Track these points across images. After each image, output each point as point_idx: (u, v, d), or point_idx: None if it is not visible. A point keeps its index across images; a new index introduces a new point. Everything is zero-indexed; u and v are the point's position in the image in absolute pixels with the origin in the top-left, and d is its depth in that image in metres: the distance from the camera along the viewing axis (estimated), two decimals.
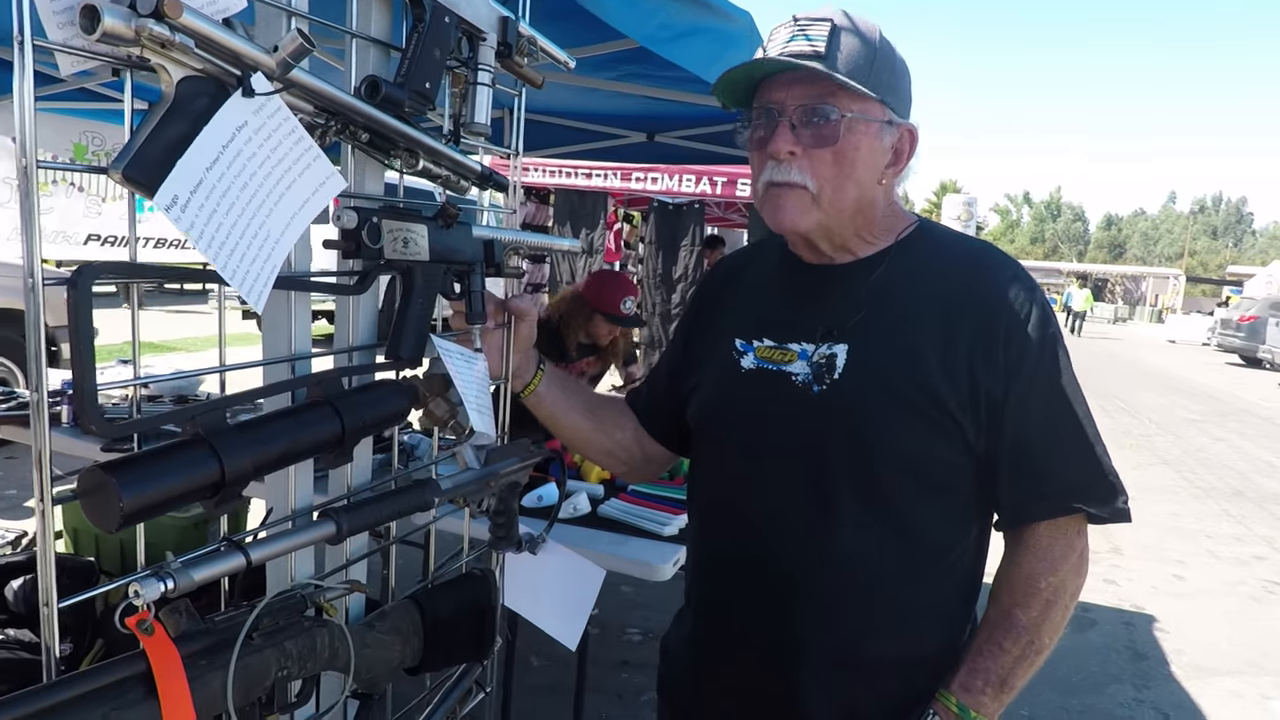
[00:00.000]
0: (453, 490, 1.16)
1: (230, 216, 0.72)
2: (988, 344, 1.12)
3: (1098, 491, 1.16)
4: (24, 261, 0.62)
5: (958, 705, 1.15)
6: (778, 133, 1.11)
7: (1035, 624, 1.15)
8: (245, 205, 0.73)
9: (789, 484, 1.17)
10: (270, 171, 0.75)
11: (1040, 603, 1.15)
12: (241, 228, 0.73)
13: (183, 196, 0.68)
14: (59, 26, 0.62)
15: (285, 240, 0.79)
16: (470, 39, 1.12)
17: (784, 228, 1.17)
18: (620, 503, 2.64)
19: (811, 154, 1.11)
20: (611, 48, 2.63)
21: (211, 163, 0.69)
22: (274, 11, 0.91)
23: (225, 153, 0.70)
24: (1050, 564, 1.15)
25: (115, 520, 0.67)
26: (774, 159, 1.12)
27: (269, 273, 0.78)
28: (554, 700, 3.10)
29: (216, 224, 0.71)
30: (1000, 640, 1.16)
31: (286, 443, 0.85)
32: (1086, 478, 1.16)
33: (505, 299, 1.31)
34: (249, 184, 0.73)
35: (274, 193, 0.76)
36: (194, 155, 0.68)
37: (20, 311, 4.59)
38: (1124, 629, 4.46)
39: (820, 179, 1.12)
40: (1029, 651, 1.16)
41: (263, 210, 0.75)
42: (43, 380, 0.65)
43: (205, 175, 0.69)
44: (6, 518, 4.40)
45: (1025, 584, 1.16)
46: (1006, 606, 1.17)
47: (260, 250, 0.76)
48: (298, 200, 0.79)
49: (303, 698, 0.96)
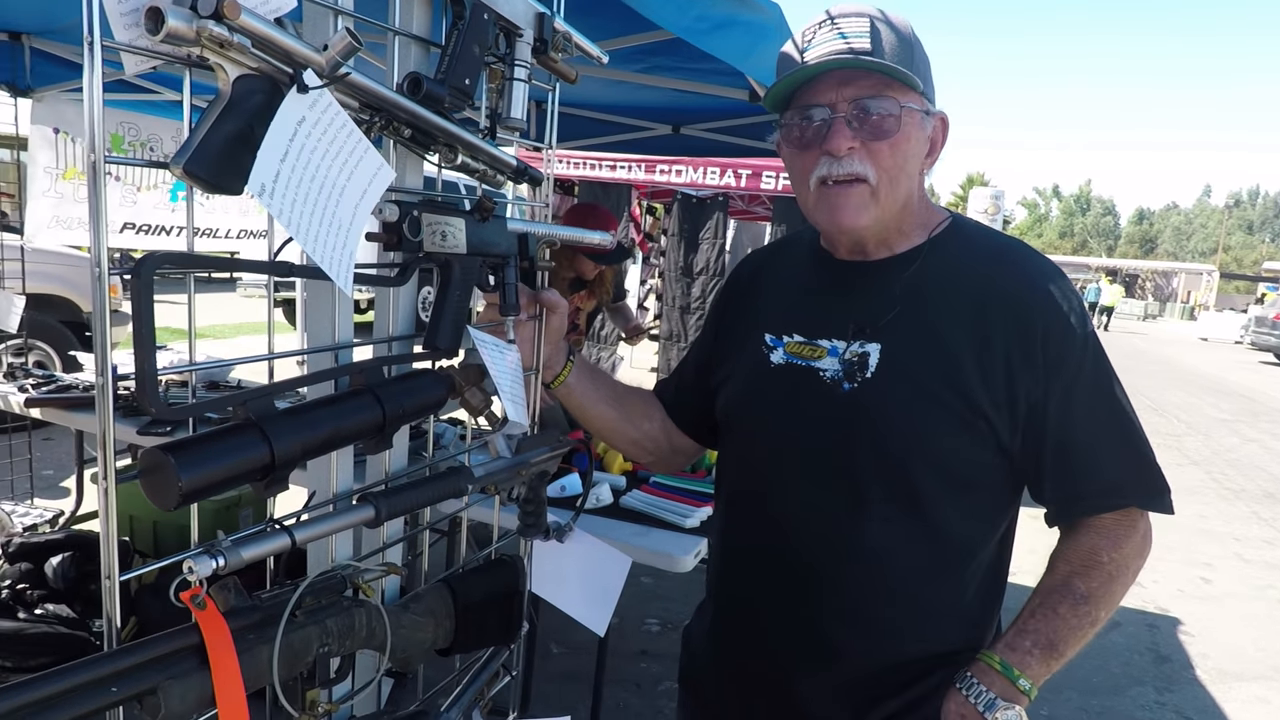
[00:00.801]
0: (486, 478, 1.18)
1: (308, 205, 0.77)
2: (1025, 344, 1.12)
3: (1144, 486, 1.17)
4: (92, 251, 0.65)
5: (1000, 663, 1.13)
6: (835, 130, 1.11)
7: (1094, 594, 1.14)
8: (317, 195, 0.77)
9: (815, 479, 1.18)
10: (331, 164, 0.79)
11: (1102, 575, 1.15)
12: (319, 215, 0.77)
13: (268, 185, 0.72)
14: (125, 28, 0.65)
15: (355, 227, 0.83)
16: (508, 35, 1.14)
17: (844, 227, 1.17)
18: (643, 494, 2.66)
19: (870, 147, 1.12)
20: (639, 40, 2.65)
21: (283, 155, 0.73)
22: (321, 10, 0.93)
23: (292, 146, 0.74)
24: (1114, 541, 1.16)
25: (174, 499, 0.71)
26: (831, 155, 1.12)
27: (349, 257, 0.83)
28: (573, 688, 3.14)
29: (299, 211, 0.75)
30: (1055, 605, 1.15)
31: (331, 428, 0.88)
32: (1133, 474, 1.17)
33: (537, 291, 1.33)
34: (316, 175, 0.77)
35: (338, 183, 0.80)
36: (268, 149, 0.71)
37: (56, 297, 4.68)
38: (1148, 631, 4.43)
39: (880, 170, 1.13)
40: (1084, 621, 1.14)
41: (331, 199, 0.79)
42: (108, 364, 0.68)
43: (280, 167, 0.73)
44: (44, 497, 4.50)
45: (1087, 556, 1.16)
46: (1064, 575, 1.16)
47: (337, 236, 0.80)
48: (358, 190, 0.83)
49: (341, 674, 0.99)
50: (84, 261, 6.35)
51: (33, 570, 2.99)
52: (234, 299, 12.80)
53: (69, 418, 3.33)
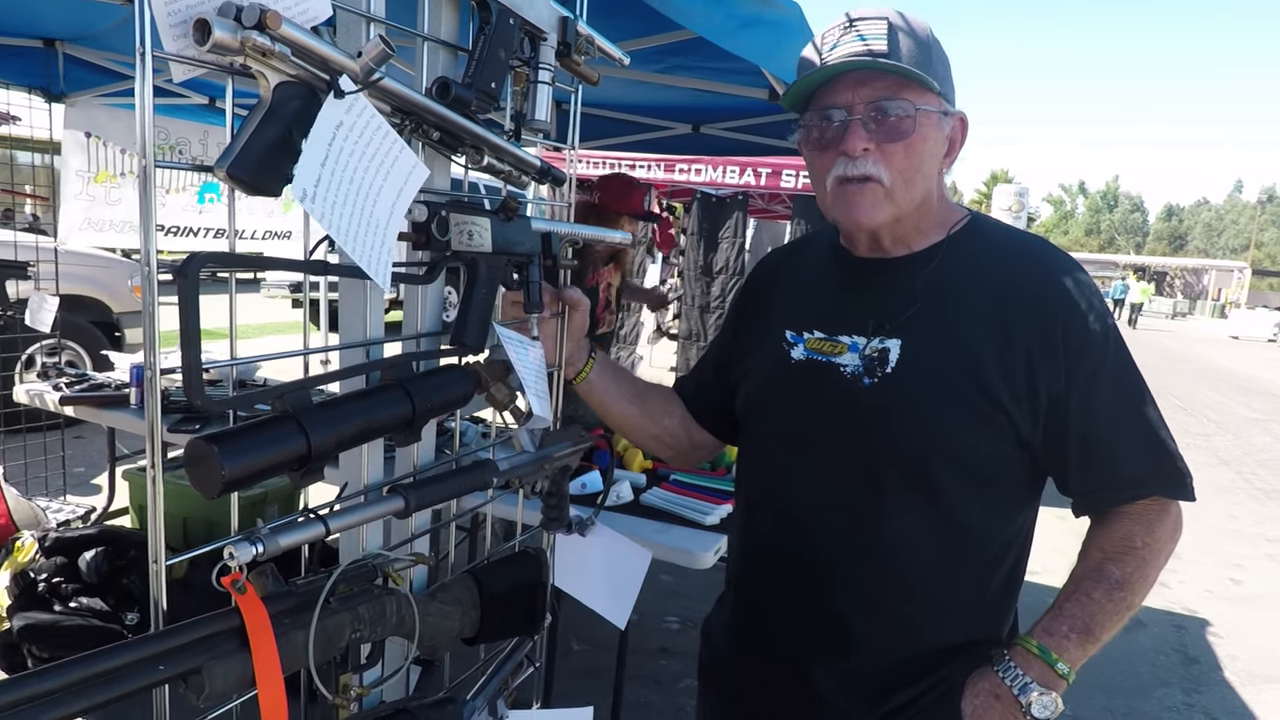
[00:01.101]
0: (510, 471, 1.21)
1: (347, 206, 0.80)
2: (1046, 338, 1.13)
3: (1167, 476, 1.18)
4: (142, 251, 0.68)
5: (1038, 648, 1.14)
6: (851, 131, 1.14)
7: (1128, 579, 1.15)
8: (355, 195, 0.81)
9: (835, 474, 1.20)
10: (368, 165, 0.82)
11: (1136, 560, 1.16)
12: (358, 215, 0.81)
13: (309, 190, 0.76)
14: (174, 38, 0.68)
15: (393, 225, 0.87)
16: (532, 39, 1.17)
17: (860, 224, 1.19)
18: (663, 491, 2.67)
19: (884, 148, 1.14)
20: (659, 40, 2.68)
21: (324, 159, 0.77)
22: (353, 17, 0.97)
23: (331, 149, 0.77)
24: (1146, 526, 1.17)
25: (217, 487, 0.74)
26: (847, 156, 1.15)
27: (388, 254, 0.87)
28: (593, 683, 3.17)
29: (339, 212, 0.79)
30: (1090, 590, 1.16)
31: (363, 421, 0.92)
32: (1157, 465, 1.18)
33: (560, 290, 1.36)
34: (354, 177, 0.81)
35: (374, 184, 0.84)
36: (309, 154, 0.75)
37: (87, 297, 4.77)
38: (1175, 632, 4.38)
39: (894, 172, 1.15)
40: (1119, 606, 1.15)
41: (369, 199, 0.83)
42: (156, 357, 0.72)
43: (321, 171, 0.76)
44: (76, 494, 4.60)
45: (1121, 542, 1.17)
46: (1098, 561, 1.18)
47: (374, 234, 0.84)
48: (394, 189, 0.87)
49: (372, 660, 1.03)
50: (115, 263, 6.48)
51: (67, 564, 3.06)
52: (258, 300, 12.96)
53: (101, 415, 3.40)
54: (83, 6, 3.09)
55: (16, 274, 4.07)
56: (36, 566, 3.05)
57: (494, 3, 1.07)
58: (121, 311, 6.42)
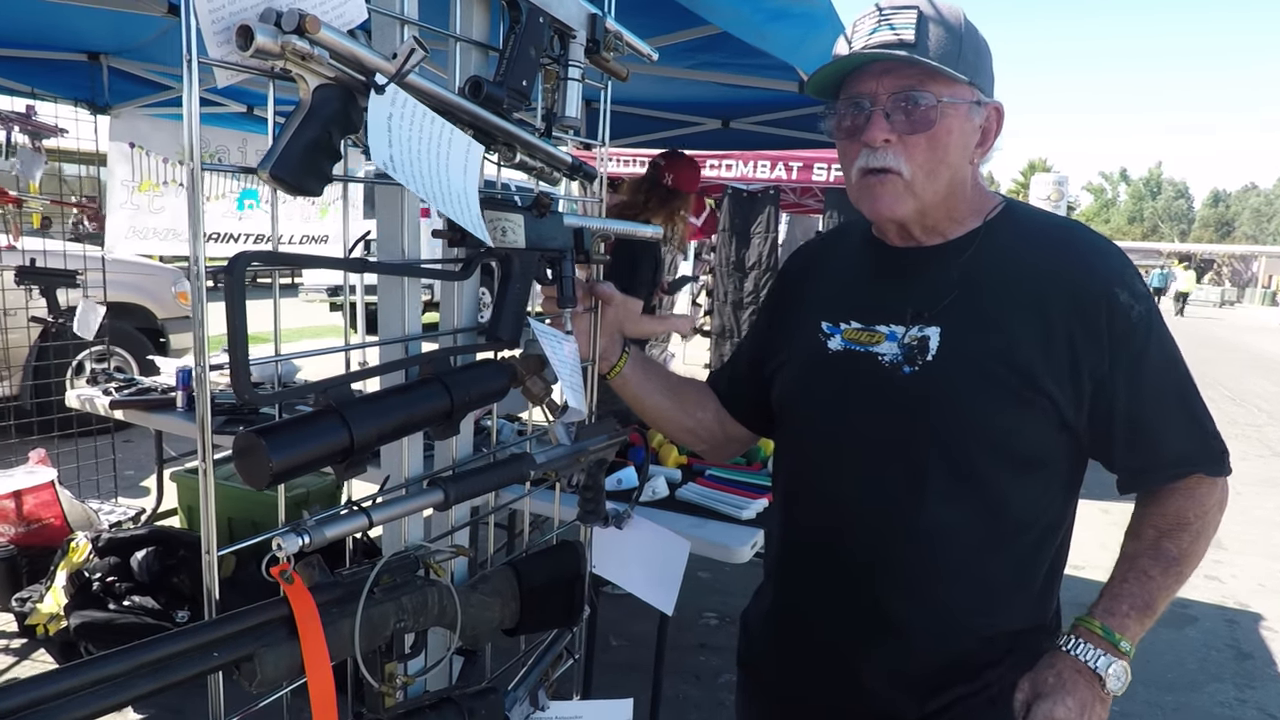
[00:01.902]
0: (547, 464, 1.23)
1: (426, 179, 0.86)
2: (1087, 320, 1.13)
3: (1209, 455, 1.20)
4: (190, 253, 0.71)
5: (1102, 628, 1.16)
6: (872, 122, 1.14)
7: (1184, 554, 1.19)
8: (427, 171, 0.86)
9: (875, 463, 1.20)
10: (428, 146, 0.87)
11: (1190, 534, 1.19)
12: (437, 185, 0.87)
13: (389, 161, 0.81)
14: (217, 45, 0.71)
15: (469, 190, 0.93)
16: (561, 37, 1.18)
17: (881, 215, 1.20)
18: (698, 487, 2.68)
19: (906, 140, 1.14)
20: (688, 35, 2.68)
21: (389, 147, 0.81)
22: (388, 20, 0.99)
23: (392, 138, 0.81)
24: (1197, 501, 1.20)
25: (265, 479, 0.77)
26: (868, 146, 1.15)
27: (475, 213, 0.93)
28: (632, 678, 3.18)
29: (420, 183, 0.84)
30: (1147, 568, 1.18)
31: (404, 415, 0.94)
32: (1200, 444, 1.20)
33: (592, 284, 1.38)
34: (422, 157, 0.85)
35: (440, 159, 0.89)
36: (375, 141, 0.80)
37: (133, 304, 4.90)
38: (1226, 626, 4.28)
39: (915, 164, 1.15)
40: (1175, 581, 1.18)
41: (442, 173, 0.88)
42: (205, 357, 0.74)
43: (391, 154, 0.81)
44: (127, 496, 4.73)
45: (1174, 518, 1.20)
46: (1153, 538, 1.20)
47: (460, 200, 0.90)
48: (459, 161, 0.92)
49: (416, 649, 1.05)
50: (159, 270, 6.64)
51: (120, 564, 3.16)
52: (296, 303, 13.18)
53: (149, 419, 3.50)
54: (125, 21, 3.18)
55: (66, 283, 4.19)
56: (91, 566, 3.15)
57: (524, 2, 1.08)
58: (166, 317, 6.58)
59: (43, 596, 3.19)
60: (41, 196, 4.36)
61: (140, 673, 0.69)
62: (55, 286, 4.16)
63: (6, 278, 4.14)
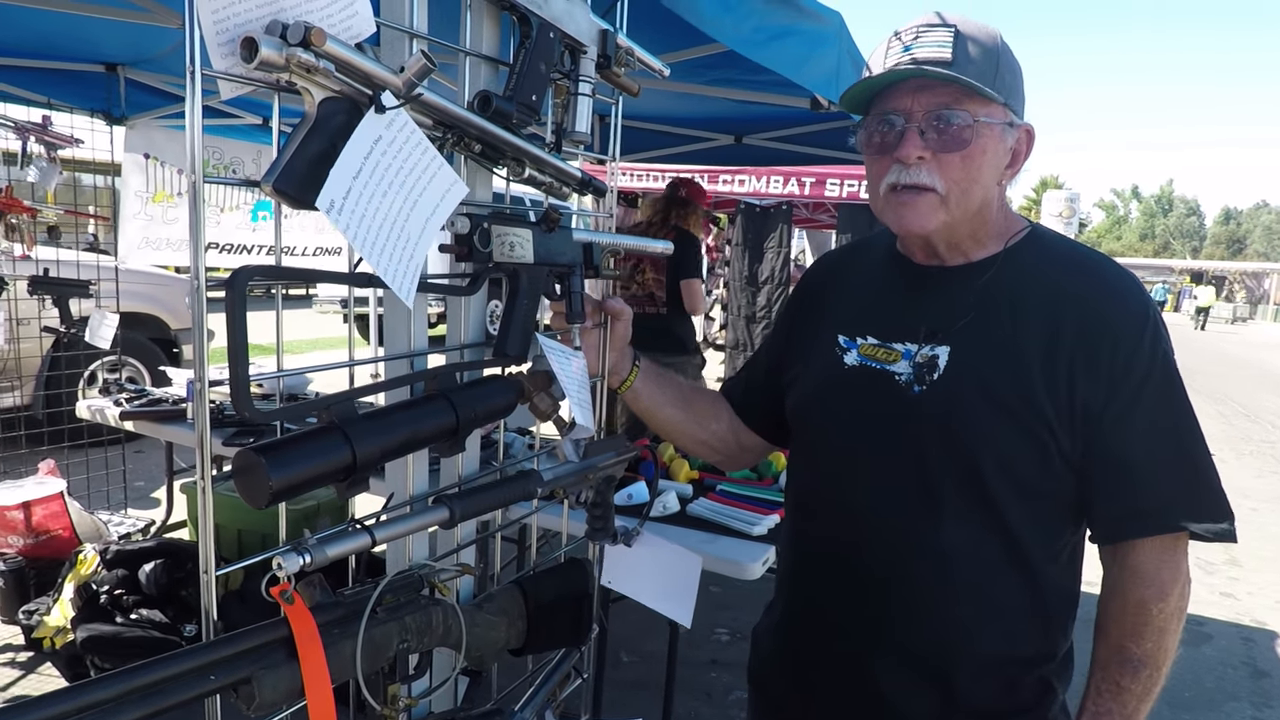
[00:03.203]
0: (554, 481, 1.21)
1: (377, 220, 0.81)
2: (1090, 350, 1.11)
3: (1203, 509, 1.13)
4: (192, 264, 0.70)
5: None
6: (906, 139, 1.13)
7: (1151, 655, 1.13)
8: (388, 210, 0.81)
9: (886, 480, 1.19)
10: (404, 180, 0.83)
11: (1154, 632, 1.13)
12: (387, 230, 0.82)
13: (338, 201, 0.76)
14: (222, 57, 0.70)
15: (424, 241, 0.87)
16: (572, 52, 1.18)
17: (911, 230, 1.18)
18: (709, 502, 2.66)
19: (940, 158, 1.13)
20: (701, 52, 2.68)
21: (356, 172, 0.77)
22: (397, 33, 0.98)
23: (367, 163, 0.78)
24: (1159, 590, 1.13)
25: (265, 497, 0.75)
26: (901, 163, 1.14)
27: (414, 270, 0.87)
28: (643, 695, 3.15)
29: (367, 226, 0.79)
30: (1117, 679, 1.14)
31: (408, 432, 0.92)
32: (1192, 494, 1.13)
33: (602, 299, 1.36)
34: (389, 192, 0.81)
35: (409, 198, 0.84)
36: (342, 166, 0.76)
37: (145, 314, 4.92)
38: (1242, 645, 4.21)
39: (950, 182, 1.13)
40: (1149, 685, 1.14)
41: (402, 214, 0.83)
42: (205, 371, 0.73)
43: (353, 184, 0.77)
44: (136, 507, 4.74)
45: (1135, 613, 1.14)
46: (1117, 641, 1.15)
47: (404, 250, 0.84)
48: (430, 205, 0.87)
49: (420, 670, 1.03)
50: (172, 280, 6.67)
51: (128, 576, 3.14)
52: (309, 315, 13.24)
53: (160, 430, 3.50)
54: (142, 32, 3.20)
55: (79, 292, 4.21)
56: (99, 579, 3.14)
57: (534, 17, 1.08)
58: (179, 328, 6.60)
59: (50, 609, 3.18)
60: (56, 206, 4.39)
61: (132, 698, 0.67)
62: (68, 296, 4.18)
63: (19, 287, 4.16)
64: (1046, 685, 1.21)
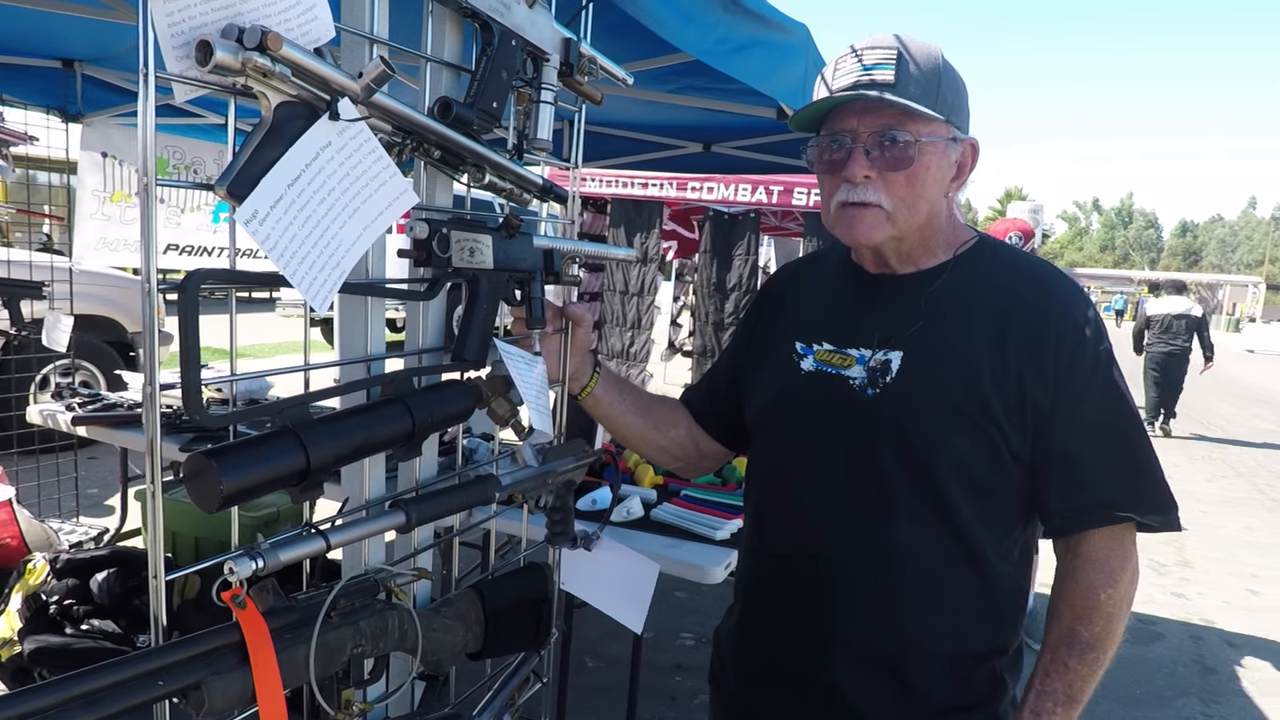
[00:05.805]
0: (513, 486, 1.22)
1: (305, 229, 0.80)
2: (1036, 352, 1.15)
3: (1149, 500, 1.18)
4: (143, 269, 0.69)
5: None
6: (853, 158, 1.17)
7: (1099, 639, 1.17)
8: (321, 218, 0.81)
9: (843, 482, 1.21)
10: (348, 188, 0.83)
11: (1102, 617, 1.17)
12: (315, 239, 0.81)
13: (262, 211, 0.76)
14: (176, 59, 0.70)
15: (355, 250, 0.86)
16: (535, 60, 1.19)
17: (859, 242, 1.22)
18: (673, 507, 2.67)
19: (886, 176, 1.17)
20: (670, 61, 2.69)
21: (294, 179, 0.77)
22: (357, 39, 0.98)
23: (308, 170, 0.78)
24: (1109, 576, 1.17)
25: (216, 502, 0.75)
26: (849, 182, 1.18)
27: (335, 280, 0.85)
28: (608, 700, 3.15)
29: (290, 236, 0.78)
30: (1065, 659, 1.18)
31: (363, 436, 0.92)
32: (1138, 487, 1.18)
33: (563, 306, 1.37)
34: (327, 199, 0.81)
35: (349, 207, 0.84)
36: (277, 173, 0.76)
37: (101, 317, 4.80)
38: (1192, 643, 4.34)
39: (895, 199, 1.18)
40: (1094, 667, 1.18)
41: (337, 223, 0.83)
42: (155, 375, 0.72)
43: (286, 191, 0.77)
44: (89, 515, 4.63)
45: (1084, 598, 1.18)
46: (1068, 624, 1.19)
47: (330, 259, 0.83)
48: (372, 214, 0.87)
49: (375, 675, 1.03)
50: (129, 283, 6.51)
51: (79, 586, 3.07)
52: (273, 319, 13.05)
53: (114, 435, 3.41)
54: (102, 28, 3.14)
55: (31, 294, 4.11)
56: (48, 589, 3.05)
57: (496, 25, 1.08)
58: (136, 331, 6.45)
59: None
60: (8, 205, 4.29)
61: (76, 704, 0.66)
62: (20, 298, 4.07)
63: None
64: (999, 679, 1.24)
